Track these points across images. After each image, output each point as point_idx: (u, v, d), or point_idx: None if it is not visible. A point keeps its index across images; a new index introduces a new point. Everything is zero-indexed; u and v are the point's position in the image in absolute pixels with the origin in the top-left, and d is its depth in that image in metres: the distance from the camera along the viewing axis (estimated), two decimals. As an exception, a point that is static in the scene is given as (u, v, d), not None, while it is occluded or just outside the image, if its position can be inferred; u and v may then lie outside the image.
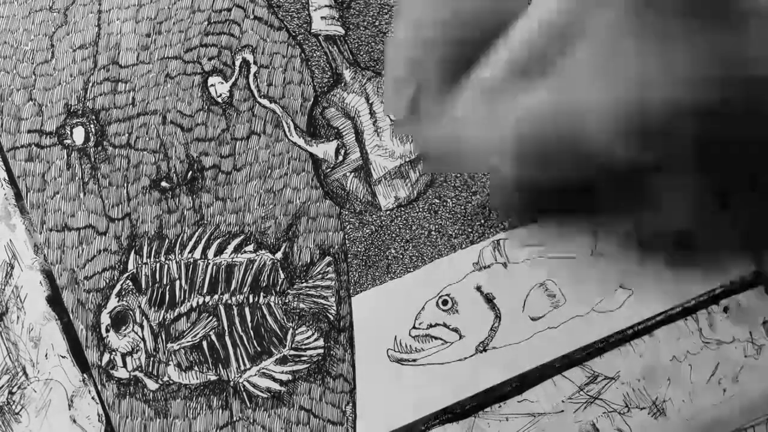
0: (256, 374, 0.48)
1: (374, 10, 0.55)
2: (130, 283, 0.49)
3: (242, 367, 0.49)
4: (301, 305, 0.50)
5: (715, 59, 0.28)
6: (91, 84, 0.53)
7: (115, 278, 0.49)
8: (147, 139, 0.52)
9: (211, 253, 0.50)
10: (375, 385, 0.49)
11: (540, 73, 0.31)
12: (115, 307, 0.49)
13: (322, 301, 0.50)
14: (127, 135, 0.52)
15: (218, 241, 0.51)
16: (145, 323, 0.49)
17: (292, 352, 0.49)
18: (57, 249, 0.50)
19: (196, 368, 0.48)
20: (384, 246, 0.51)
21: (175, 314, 0.49)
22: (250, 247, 0.51)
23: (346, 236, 0.51)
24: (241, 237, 0.51)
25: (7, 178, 0.51)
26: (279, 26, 0.55)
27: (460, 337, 0.50)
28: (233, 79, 0.53)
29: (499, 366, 0.49)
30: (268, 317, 0.49)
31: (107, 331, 0.49)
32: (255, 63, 0.54)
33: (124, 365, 0.48)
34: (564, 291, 0.51)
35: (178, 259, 0.50)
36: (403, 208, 0.52)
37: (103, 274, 0.50)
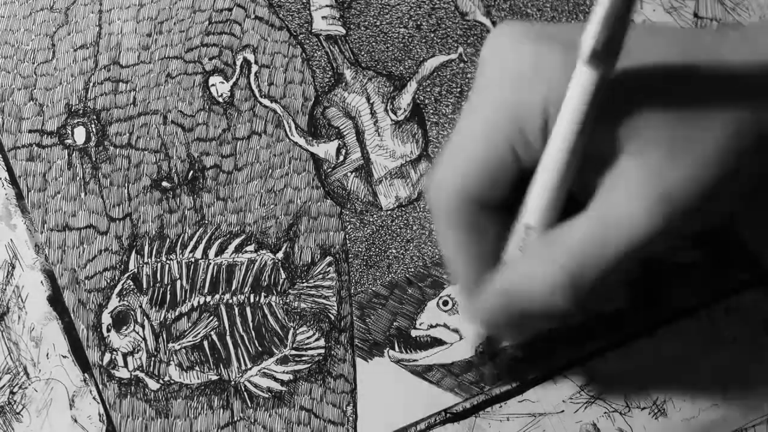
0: (257, 374, 0.48)
1: (375, 10, 0.55)
2: (131, 283, 0.49)
3: (243, 367, 0.49)
4: (302, 305, 0.50)
5: None
6: (92, 84, 0.53)
7: (116, 278, 0.50)
8: (148, 138, 0.52)
9: (212, 252, 0.50)
10: (376, 386, 0.49)
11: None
12: (116, 307, 0.49)
13: (323, 301, 0.50)
14: (128, 135, 0.52)
15: (219, 240, 0.51)
16: (146, 323, 0.49)
17: (293, 352, 0.49)
18: (58, 249, 0.50)
19: (197, 368, 0.48)
20: (385, 246, 0.51)
21: (176, 314, 0.49)
22: (251, 247, 0.51)
23: (347, 236, 0.51)
24: (242, 237, 0.51)
25: (8, 178, 0.51)
26: (280, 26, 0.55)
27: (461, 337, 0.50)
28: (234, 79, 0.53)
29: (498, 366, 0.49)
30: (269, 317, 0.49)
31: (108, 330, 0.49)
32: (256, 63, 0.54)
33: (125, 365, 0.48)
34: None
35: (179, 259, 0.50)
36: (404, 208, 0.52)
37: (104, 273, 0.50)
